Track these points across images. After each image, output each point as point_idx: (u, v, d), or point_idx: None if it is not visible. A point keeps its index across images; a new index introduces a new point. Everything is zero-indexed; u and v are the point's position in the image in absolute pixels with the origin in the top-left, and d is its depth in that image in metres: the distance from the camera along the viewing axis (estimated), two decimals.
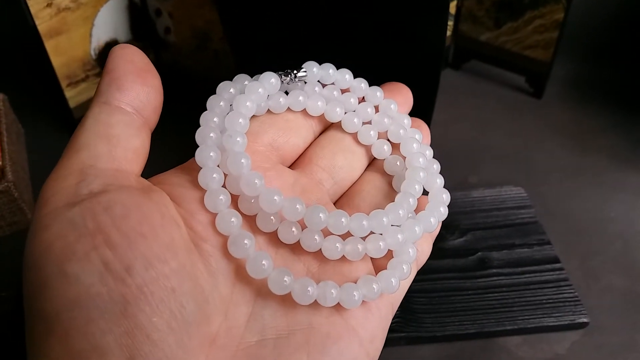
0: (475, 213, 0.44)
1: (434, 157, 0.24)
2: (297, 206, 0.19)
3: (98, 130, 0.18)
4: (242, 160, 0.19)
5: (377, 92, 0.24)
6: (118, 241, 0.16)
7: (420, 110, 0.42)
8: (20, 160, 0.48)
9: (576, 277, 0.40)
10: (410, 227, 0.20)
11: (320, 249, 0.20)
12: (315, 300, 0.19)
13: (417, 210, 0.22)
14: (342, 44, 0.39)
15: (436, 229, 0.22)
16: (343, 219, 0.20)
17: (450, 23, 0.57)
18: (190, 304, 0.17)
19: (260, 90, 0.21)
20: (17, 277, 0.43)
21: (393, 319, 0.36)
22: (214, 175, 0.19)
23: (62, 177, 0.17)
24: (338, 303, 0.19)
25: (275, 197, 0.19)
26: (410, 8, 0.36)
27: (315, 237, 0.20)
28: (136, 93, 0.19)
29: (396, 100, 0.25)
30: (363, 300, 0.19)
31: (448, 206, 0.22)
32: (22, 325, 0.38)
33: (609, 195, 0.47)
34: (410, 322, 0.36)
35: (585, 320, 0.37)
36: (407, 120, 0.24)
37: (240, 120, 0.20)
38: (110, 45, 0.53)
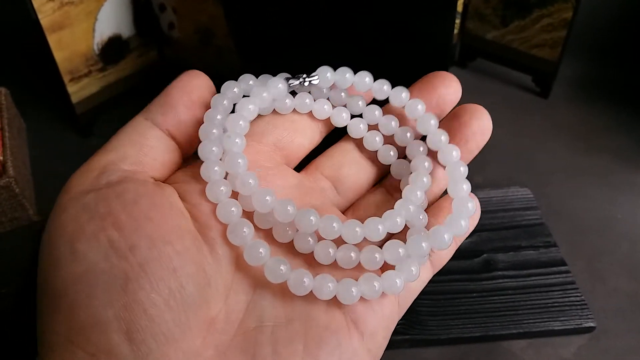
0: (480, 214, 0.43)
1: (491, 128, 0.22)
2: (288, 208, 0.19)
3: (132, 138, 0.19)
4: (239, 161, 0.19)
5: (402, 93, 0.23)
6: (125, 223, 0.17)
7: None
8: (21, 155, 0.48)
9: (582, 280, 0.40)
10: (417, 243, 0.19)
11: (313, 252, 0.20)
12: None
13: (435, 213, 0.21)
14: (347, 41, 0.38)
15: (464, 233, 0.21)
16: (335, 224, 0.19)
17: (457, 21, 0.57)
18: (191, 286, 0.17)
19: (264, 94, 0.21)
20: (18, 273, 0.43)
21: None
22: (216, 168, 0.19)
23: (86, 171, 0.18)
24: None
25: (267, 198, 0.19)
26: (418, 5, 0.36)
27: (309, 239, 0.19)
28: (177, 123, 0.20)
29: (442, 93, 0.23)
30: (362, 297, 0.19)
31: None
32: (22, 321, 0.38)
33: (616, 196, 0.47)
34: (415, 325, 0.36)
35: (591, 324, 0.36)
36: (434, 121, 0.22)
37: (240, 122, 0.20)
38: (113, 40, 0.53)
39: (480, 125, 0.22)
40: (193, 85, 0.21)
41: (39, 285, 0.17)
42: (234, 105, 0.21)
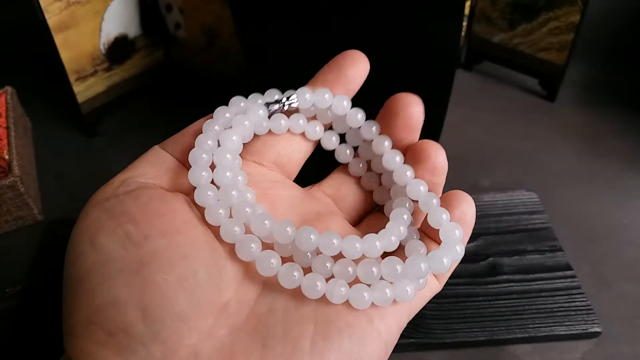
0: (486, 217, 0.43)
1: (446, 160, 0.23)
2: (287, 229, 0.19)
3: (150, 160, 0.21)
4: (233, 193, 0.20)
5: (372, 127, 0.23)
6: (140, 219, 0.18)
7: (433, 112, 0.41)
8: (27, 154, 0.48)
9: (588, 285, 0.39)
10: (416, 264, 0.20)
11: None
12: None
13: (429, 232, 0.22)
14: (354, 44, 0.38)
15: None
16: (334, 240, 0.19)
17: (464, 23, 0.57)
18: (202, 271, 0.18)
19: (246, 122, 0.22)
20: (23, 272, 0.42)
21: None
22: (209, 193, 0.20)
23: (108, 185, 0.20)
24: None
25: (266, 222, 0.20)
26: (425, 8, 0.36)
27: (308, 254, 0.20)
28: (185, 154, 0.21)
29: (402, 124, 0.23)
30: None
31: None
32: (26, 321, 0.38)
33: (623, 201, 0.47)
34: (420, 328, 0.36)
35: (597, 329, 0.36)
36: (399, 157, 0.23)
37: (227, 155, 0.21)
38: (119, 40, 0.53)
39: (435, 163, 0.22)
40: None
41: (63, 281, 0.18)
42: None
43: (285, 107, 0.23)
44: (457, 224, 0.21)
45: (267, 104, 0.23)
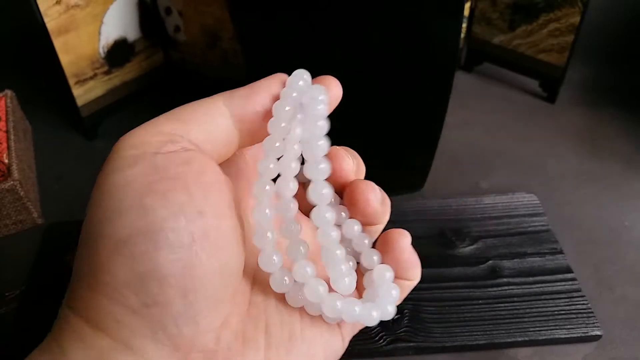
0: (486, 220, 0.43)
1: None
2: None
3: (202, 118, 0.20)
4: (327, 215, 0.20)
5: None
6: (194, 190, 0.18)
7: (433, 114, 0.41)
8: (26, 158, 0.48)
9: (589, 288, 0.39)
10: (366, 312, 0.20)
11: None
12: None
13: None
14: (354, 44, 0.38)
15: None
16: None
17: (463, 25, 0.56)
18: (235, 258, 0.19)
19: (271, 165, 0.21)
20: (22, 275, 0.42)
21: (401, 328, 0.36)
22: (274, 258, 0.20)
23: (151, 134, 0.19)
24: None
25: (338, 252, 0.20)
26: (425, 9, 0.36)
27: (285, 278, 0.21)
28: (250, 118, 0.20)
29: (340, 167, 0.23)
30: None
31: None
32: (26, 325, 0.38)
33: (623, 203, 0.46)
34: (419, 332, 0.36)
35: (598, 332, 0.36)
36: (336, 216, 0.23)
37: (290, 184, 0.21)
38: (119, 43, 0.53)
39: (365, 208, 0.22)
40: (279, 84, 0.21)
41: (91, 232, 0.18)
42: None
43: None
44: (387, 266, 0.21)
45: None
